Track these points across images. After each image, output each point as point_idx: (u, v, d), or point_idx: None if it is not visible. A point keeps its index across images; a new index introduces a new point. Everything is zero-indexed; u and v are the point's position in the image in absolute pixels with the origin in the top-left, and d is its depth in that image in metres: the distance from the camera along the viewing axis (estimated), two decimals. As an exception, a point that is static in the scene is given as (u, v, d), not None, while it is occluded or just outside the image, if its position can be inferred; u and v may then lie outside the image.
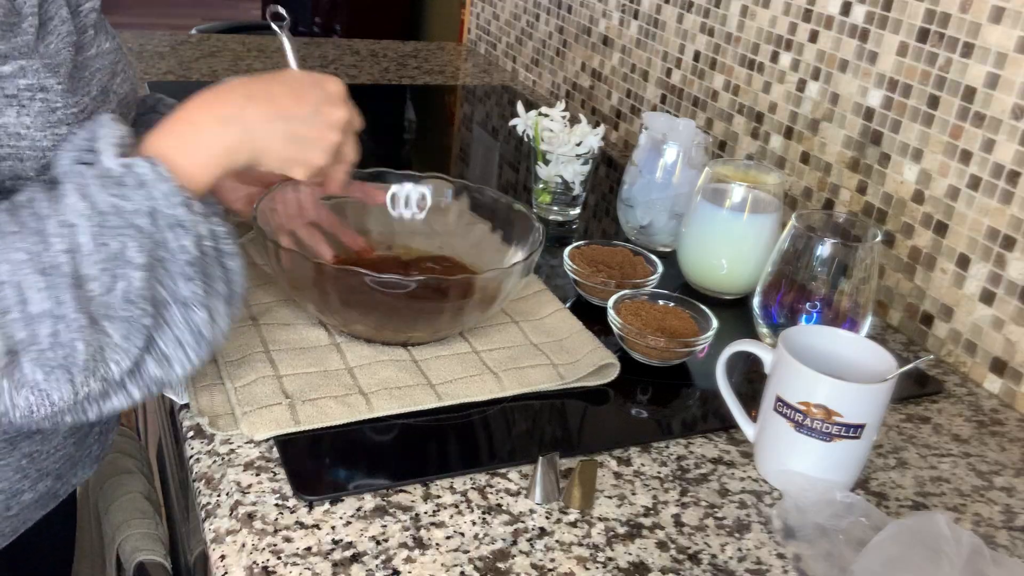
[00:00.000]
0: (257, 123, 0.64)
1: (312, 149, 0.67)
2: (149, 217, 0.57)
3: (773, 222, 0.95)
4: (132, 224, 0.57)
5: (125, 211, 0.56)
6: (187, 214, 0.59)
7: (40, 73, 0.59)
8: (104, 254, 0.55)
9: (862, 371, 0.71)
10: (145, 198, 0.57)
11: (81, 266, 0.55)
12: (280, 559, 0.59)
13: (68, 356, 0.54)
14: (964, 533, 0.60)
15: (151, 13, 5.52)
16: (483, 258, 0.89)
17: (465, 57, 2.02)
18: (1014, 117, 0.87)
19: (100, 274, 0.55)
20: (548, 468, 0.66)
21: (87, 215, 0.55)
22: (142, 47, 1.75)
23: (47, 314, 0.54)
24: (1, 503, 0.68)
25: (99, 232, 0.55)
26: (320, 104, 0.67)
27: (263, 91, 0.65)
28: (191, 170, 0.61)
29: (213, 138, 0.62)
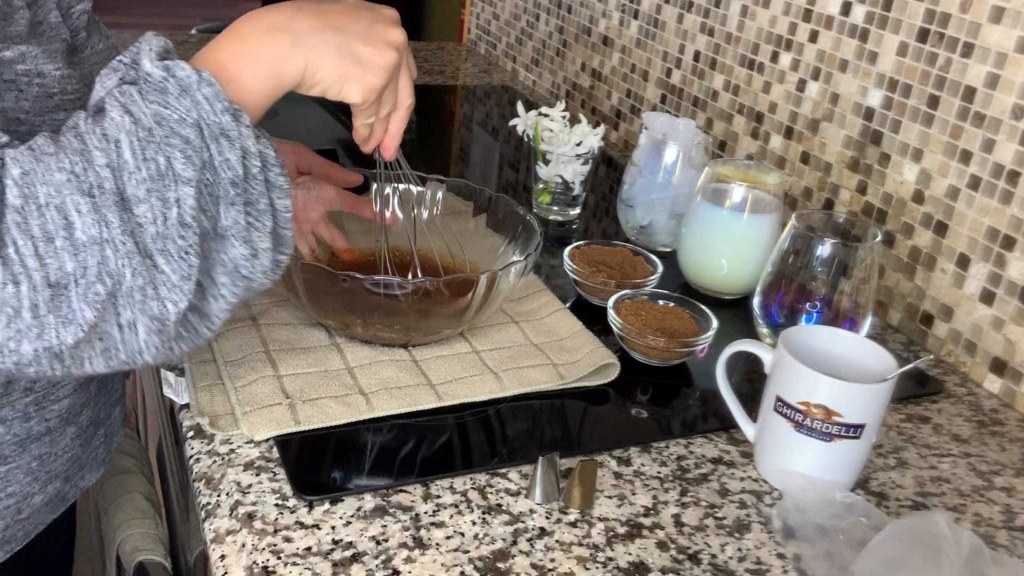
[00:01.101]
0: (308, 32, 0.59)
1: (368, 66, 0.62)
2: (194, 127, 0.53)
3: (773, 222, 0.95)
4: (177, 134, 0.52)
5: (169, 120, 0.52)
6: (232, 123, 0.54)
7: (38, 59, 0.58)
8: (150, 170, 0.51)
9: (862, 371, 0.71)
10: (189, 105, 0.53)
11: (127, 185, 0.51)
12: (280, 559, 0.59)
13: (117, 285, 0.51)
14: (964, 533, 0.60)
15: (151, 13, 5.53)
16: (486, 260, 0.89)
17: (465, 57, 2.02)
18: (1014, 117, 0.87)
19: (148, 196, 0.51)
20: (548, 468, 0.66)
21: (129, 129, 0.51)
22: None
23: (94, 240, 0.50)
24: (13, 506, 0.68)
25: (142, 146, 0.51)
26: (375, 22, 0.63)
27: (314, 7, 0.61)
28: (241, 80, 0.56)
29: (262, 47, 0.58)
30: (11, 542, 0.70)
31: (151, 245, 0.52)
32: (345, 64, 0.61)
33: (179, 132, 0.52)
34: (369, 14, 0.63)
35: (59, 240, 0.49)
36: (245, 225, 0.56)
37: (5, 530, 0.68)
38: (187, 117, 0.52)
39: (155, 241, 0.52)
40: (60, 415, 0.69)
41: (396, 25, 0.64)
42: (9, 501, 0.68)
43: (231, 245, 0.56)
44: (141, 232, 0.51)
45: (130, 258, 0.51)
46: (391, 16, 0.65)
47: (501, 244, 0.89)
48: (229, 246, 0.56)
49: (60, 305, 0.50)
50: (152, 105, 0.52)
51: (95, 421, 0.75)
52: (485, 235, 0.91)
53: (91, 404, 0.74)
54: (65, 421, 0.70)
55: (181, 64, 0.53)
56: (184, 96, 0.53)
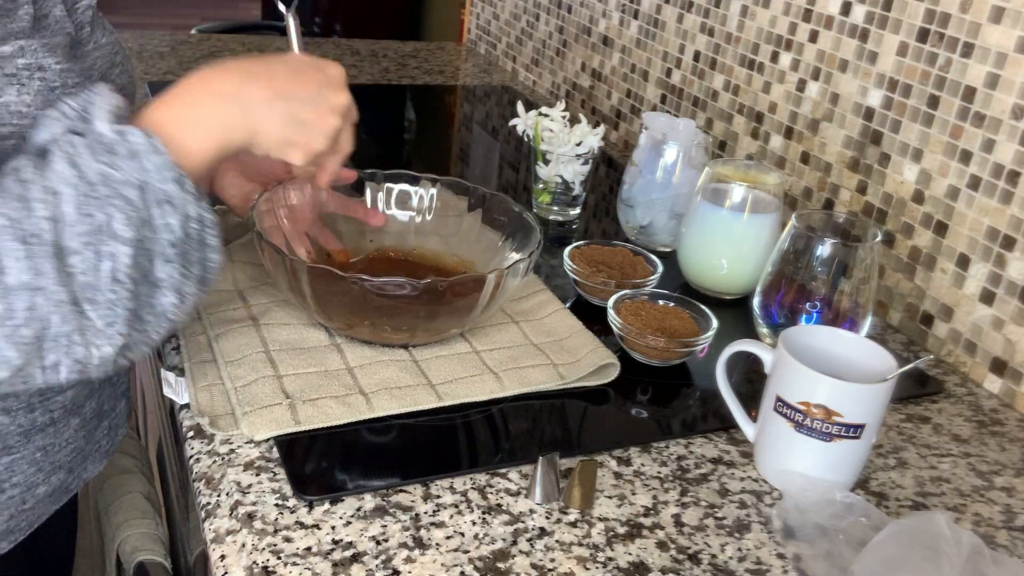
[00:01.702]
0: (256, 102, 0.62)
1: (312, 133, 0.65)
2: (138, 190, 0.54)
3: (773, 222, 0.95)
4: (120, 195, 0.54)
5: (114, 180, 0.54)
6: (178, 191, 0.56)
7: (38, 53, 0.59)
8: (88, 225, 0.53)
9: (862, 371, 0.71)
10: (136, 169, 0.54)
11: (63, 237, 0.52)
12: (280, 559, 0.59)
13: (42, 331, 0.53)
14: (964, 533, 0.60)
15: (151, 13, 5.52)
16: (483, 259, 0.89)
17: (465, 57, 2.02)
18: (1014, 117, 0.87)
19: (83, 248, 0.53)
20: (548, 468, 0.66)
21: (73, 183, 0.53)
22: (142, 47, 1.75)
23: (25, 286, 0.51)
24: (17, 496, 0.68)
25: (84, 201, 0.53)
26: (321, 87, 0.65)
27: (264, 70, 0.63)
28: (187, 145, 0.58)
29: (210, 114, 0.60)
30: (15, 532, 0.70)
31: (79, 294, 0.53)
32: (290, 132, 0.64)
33: (122, 193, 0.54)
34: (317, 77, 0.65)
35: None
36: (179, 278, 0.58)
37: (10, 520, 0.69)
38: (131, 179, 0.54)
39: (84, 290, 0.53)
40: (64, 406, 0.70)
41: (341, 88, 0.67)
42: (14, 491, 0.68)
43: (162, 295, 0.57)
44: (71, 280, 0.53)
45: (59, 306, 0.53)
46: (337, 78, 0.67)
47: (498, 241, 0.89)
48: (160, 295, 0.57)
49: None
50: (99, 164, 0.54)
51: (99, 413, 0.76)
52: (481, 233, 0.91)
53: (95, 396, 0.74)
54: (69, 412, 0.71)
55: (133, 130, 0.55)
56: (132, 160, 0.55)
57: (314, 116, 0.65)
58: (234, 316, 0.82)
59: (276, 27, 3.08)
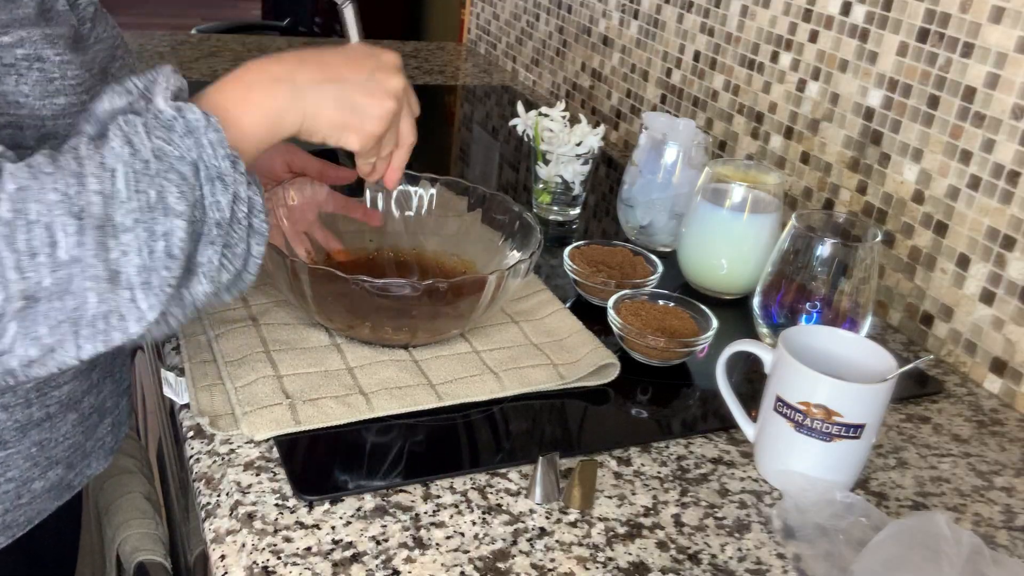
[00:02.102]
0: (307, 85, 0.61)
1: (366, 115, 0.64)
2: (192, 167, 0.54)
3: (773, 222, 0.95)
4: (174, 169, 0.54)
5: (169, 156, 0.54)
6: (230, 169, 0.56)
7: (38, 44, 0.59)
8: (140, 202, 0.52)
9: (862, 371, 0.71)
10: (192, 146, 0.55)
11: (115, 213, 0.52)
12: (280, 559, 0.59)
13: (77, 309, 0.52)
14: (964, 533, 0.60)
15: (151, 13, 5.53)
16: (482, 258, 0.89)
17: (465, 57, 2.02)
18: (1014, 117, 0.87)
19: (135, 225, 0.52)
20: (548, 468, 0.66)
21: (127, 160, 0.52)
22: (142, 47, 1.75)
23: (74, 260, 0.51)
24: (13, 491, 0.68)
25: (137, 178, 0.52)
26: (375, 71, 0.64)
27: (316, 57, 0.63)
28: (242, 126, 0.59)
29: (264, 97, 0.60)
30: (12, 527, 0.70)
31: (135, 277, 0.53)
32: (344, 115, 0.63)
33: (176, 168, 0.54)
34: (370, 62, 0.65)
35: (42, 256, 0.50)
36: (218, 265, 0.57)
37: (5, 515, 0.69)
38: (187, 156, 0.54)
39: (140, 273, 0.53)
40: (60, 401, 0.70)
41: (397, 72, 0.66)
42: (9, 486, 0.68)
43: (198, 282, 0.57)
44: (125, 261, 0.52)
45: (97, 282, 0.52)
46: (392, 63, 0.66)
47: (498, 241, 0.89)
48: (196, 283, 0.57)
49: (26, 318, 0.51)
50: (156, 140, 0.54)
51: (99, 409, 0.76)
52: (480, 233, 0.91)
53: (93, 391, 0.74)
54: (66, 407, 0.71)
55: (192, 107, 0.55)
56: (188, 136, 0.55)
57: (368, 99, 0.64)
58: (234, 316, 0.82)
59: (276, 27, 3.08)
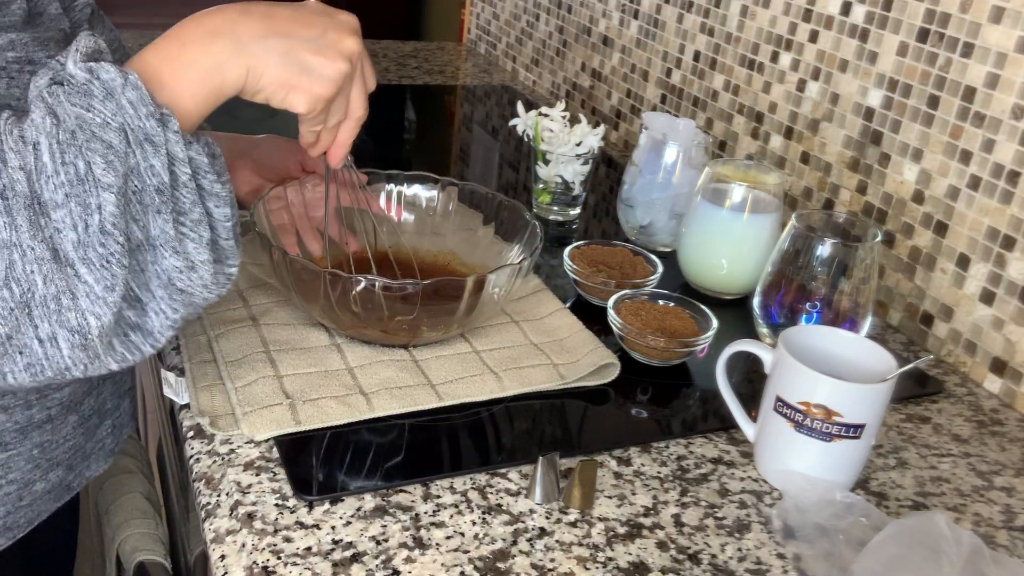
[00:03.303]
0: (251, 38, 0.56)
1: (315, 75, 0.59)
2: (119, 132, 0.50)
3: (773, 222, 0.95)
4: (98, 138, 0.49)
5: (91, 124, 0.50)
6: (158, 128, 0.51)
7: (29, 47, 0.59)
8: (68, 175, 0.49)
9: (862, 371, 0.71)
10: (116, 109, 0.50)
11: (44, 189, 0.48)
12: (280, 559, 0.59)
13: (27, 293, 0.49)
14: (964, 533, 0.60)
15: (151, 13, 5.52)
16: (483, 259, 0.89)
17: (465, 57, 2.02)
18: (1014, 117, 0.87)
19: (66, 201, 0.49)
20: (548, 468, 0.66)
21: (50, 131, 0.49)
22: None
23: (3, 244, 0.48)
24: (14, 493, 0.68)
25: (63, 150, 0.49)
26: (328, 29, 0.59)
27: (262, 10, 0.58)
28: (177, 87, 0.54)
29: (200, 52, 0.55)
30: (13, 528, 0.70)
31: (72, 253, 0.50)
32: (290, 73, 0.58)
33: (101, 136, 0.50)
34: (323, 20, 0.60)
35: None
36: (175, 235, 0.53)
37: (7, 516, 0.69)
38: (111, 121, 0.50)
39: (76, 248, 0.50)
40: (61, 403, 0.70)
41: (352, 33, 0.61)
42: (10, 488, 0.68)
43: (162, 256, 0.53)
44: (60, 238, 0.49)
45: (40, 264, 0.49)
46: (348, 23, 0.62)
47: (500, 244, 0.89)
48: (160, 256, 0.53)
49: None
50: (75, 108, 0.50)
51: (100, 411, 0.76)
52: (478, 232, 0.91)
53: (94, 393, 0.74)
54: (67, 409, 0.71)
55: (106, 66, 0.51)
56: (109, 99, 0.51)
57: (318, 58, 0.59)
58: (234, 316, 0.82)
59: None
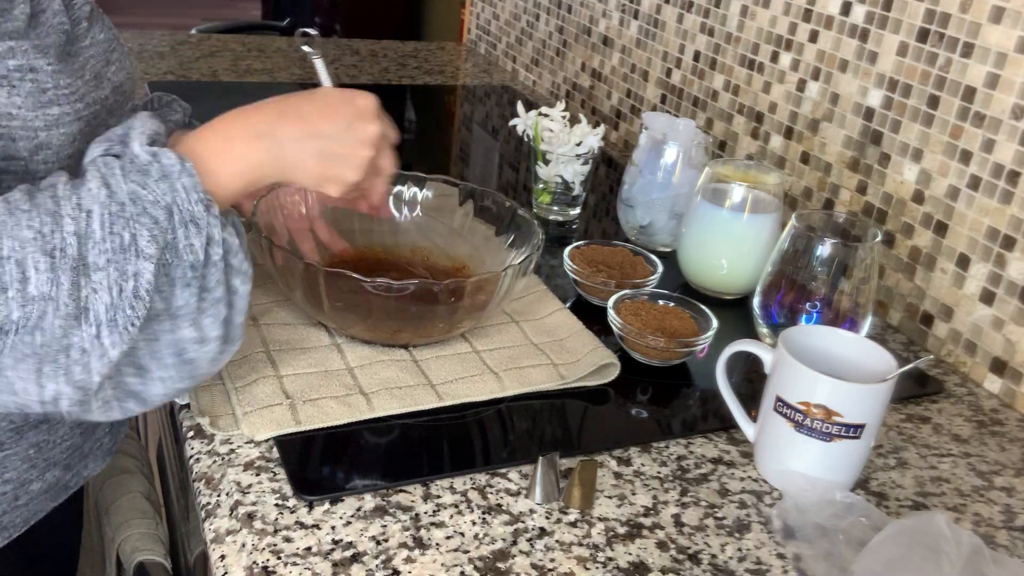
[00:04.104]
0: (288, 141, 0.64)
1: (344, 166, 0.67)
2: (166, 211, 0.56)
3: (773, 222, 0.95)
4: (148, 213, 0.55)
5: (143, 200, 0.55)
6: (203, 213, 0.57)
7: (30, 54, 0.59)
8: (114, 243, 0.54)
9: (862, 371, 0.71)
10: (167, 190, 0.56)
11: (89, 253, 0.54)
12: (280, 559, 0.59)
13: (45, 345, 0.53)
14: (964, 533, 0.60)
15: (151, 13, 5.52)
16: (483, 259, 0.89)
17: (465, 57, 2.02)
18: (1014, 117, 0.87)
19: (107, 265, 0.54)
20: (548, 468, 0.66)
21: (103, 202, 0.54)
22: (142, 47, 1.75)
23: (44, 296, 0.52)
24: (10, 492, 0.69)
25: (112, 220, 0.54)
26: (352, 120, 0.67)
27: (295, 109, 0.65)
28: (220, 176, 0.61)
29: (244, 149, 0.62)
30: (9, 528, 0.70)
31: (103, 315, 0.54)
32: (323, 167, 0.66)
33: (149, 212, 0.55)
34: (347, 110, 0.67)
35: (12, 291, 0.52)
36: (196, 307, 0.58)
37: (2, 516, 0.69)
38: (161, 200, 0.56)
39: (108, 311, 0.54)
40: None
41: (372, 119, 0.68)
42: (6, 487, 0.68)
43: (180, 326, 0.58)
44: (95, 299, 0.54)
45: (67, 320, 0.53)
46: (367, 109, 0.68)
47: (494, 239, 0.89)
48: (178, 327, 0.58)
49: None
50: (131, 184, 0.55)
51: None
52: (474, 231, 0.91)
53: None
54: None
55: (167, 152, 0.57)
56: (163, 181, 0.56)
57: (346, 150, 0.66)
58: (234, 316, 0.82)
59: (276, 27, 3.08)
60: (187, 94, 0.84)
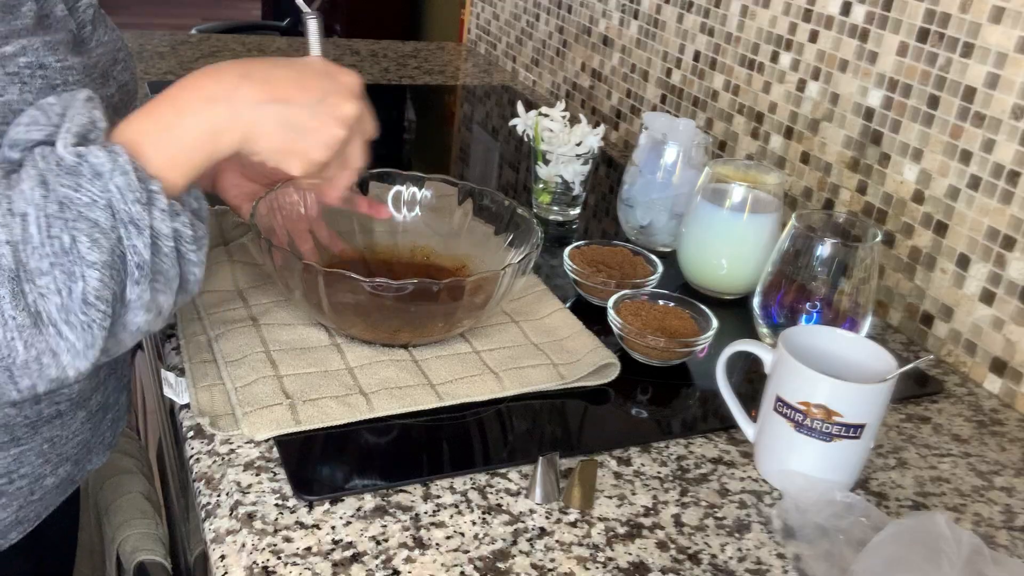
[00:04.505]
0: (248, 104, 0.58)
1: (312, 141, 0.61)
2: (108, 211, 0.53)
3: (773, 222, 0.95)
4: (85, 217, 0.52)
5: (78, 204, 0.52)
6: (143, 212, 0.54)
7: (40, 51, 0.58)
8: (54, 247, 0.51)
9: (862, 371, 0.71)
10: (101, 191, 0.52)
11: (30, 259, 0.51)
12: (280, 559, 0.59)
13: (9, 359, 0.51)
14: (964, 533, 0.60)
15: (151, 13, 5.53)
16: (482, 258, 0.89)
17: (465, 57, 2.02)
18: (1014, 117, 0.87)
19: (51, 269, 0.51)
20: (548, 468, 0.66)
21: (39, 204, 0.51)
22: (142, 47, 1.75)
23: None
24: (26, 487, 0.69)
25: (50, 223, 0.51)
26: (328, 94, 0.61)
27: (262, 72, 0.60)
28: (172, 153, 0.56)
29: (197, 120, 0.57)
30: (24, 523, 0.70)
31: (56, 314, 0.51)
32: (286, 139, 0.60)
33: (87, 216, 0.52)
34: (324, 83, 0.61)
35: None
36: (150, 298, 0.56)
37: (19, 510, 0.69)
38: (99, 199, 0.52)
39: (59, 311, 0.52)
40: (70, 399, 0.70)
41: (351, 97, 0.62)
42: (22, 482, 0.68)
43: (135, 314, 0.56)
44: (45, 302, 0.51)
45: (20, 331, 0.51)
46: (348, 86, 0.63)
47: (492, 239, 0.89)
48: (133, 314, 0.56)
49: None
50: (63, 188, 0.52)
51: (104, 405, 0.76)
52: (472, 230, 0.91)
53: (100, 389, 0.75)
54: (76, 405, 0.71)
55: (95, 151, 0.53)
56: (97, 180, 0.52)
57: (314, 123, 0.61)
58: (234, 316, 0.82)
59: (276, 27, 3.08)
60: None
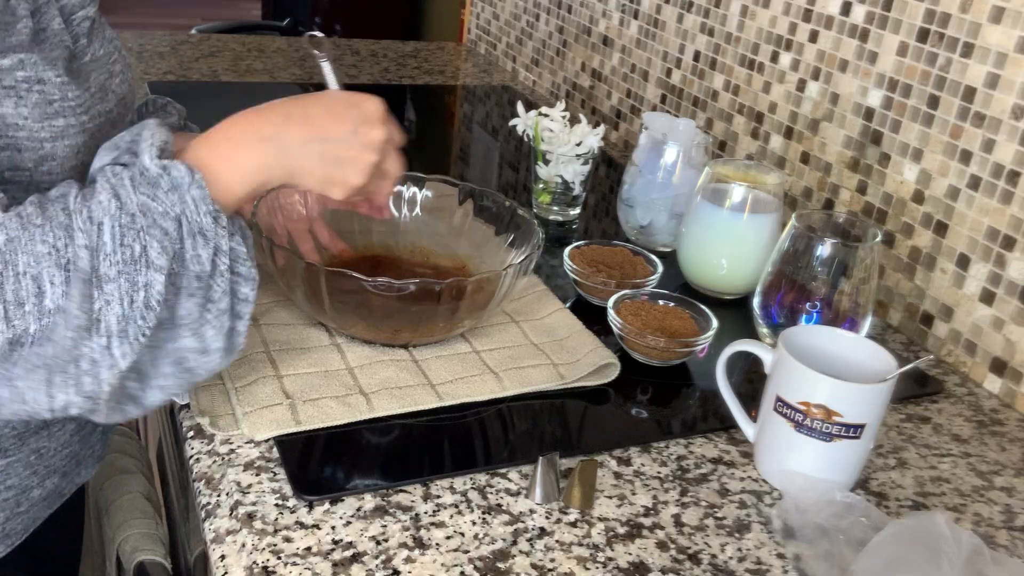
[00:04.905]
0: (293, 144, 0.64)
1: (349, 170, 0.67)
2: (175, 222, 0.57)
3: (773, 222, 0.95)
4: (158, 225, 0.56)
5: (153, 212, 0.56)
6: (212, 225, 0.58)
7: (38, 66, 0.59)
8: (124, 255, 0.55)
9: (862, 371, 0.71)
10: (176, 202, 0.57)
11: (101, 265, 0.54)
12: (280, 559, 0.59)
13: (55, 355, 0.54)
14: (964, 533, 0.60)
15: (151, 13, 5.52)
16: (483, 259, 0.89)
17: (465, 57, 2.02)
18: (1014, 117, 0.87)
19: (118, 276, 0.55)
20: (548, 468, 0.66)
21: (114, 214, 0.55)
22: (142, 47, 1.75)
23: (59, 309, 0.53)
24: (12, 499, 0.69)
25: (123, 232, 0.55)
26: (358, 124, 0.67)
27: (301, 112, 0.66)
28: (228, 183, 0.61)
29: (250, 155, 0.63)
30: (11, 536, 0.70)
31: (114, 326, 0.55)
32: (328, 171, 0.66)
33: (160, 224, 0.56)
34: (353, 114, 0.67)
35: (29, 305, 0.53)
36: (199, 317, 0.59)
37: (5, 523, 0.69)
38: (171, 211, 0.57)
39: (119, 322, 0.55)
40: None
41: (379, 123, 0.68)
42: (8, 494, 0.68)
43: (182, 335, 0.59)
44: (108, 311, 0.55)
45: (78, 332, 0.54)
46: (374, 113, 0.68)
47: (493, 239, 0.89)
48: (180, 336, 0.59)
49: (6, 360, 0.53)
50: (142, 196, 0.56)
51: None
52: (473, 231, 0.91)
53: None
54: (65, 417, 0.71)
55: (177, 165, 0.58)
56: (173, 192, 0.57)
57: (350, 154, 0.67)
58: (234, 316, 0.82)
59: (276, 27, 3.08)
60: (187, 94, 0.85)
